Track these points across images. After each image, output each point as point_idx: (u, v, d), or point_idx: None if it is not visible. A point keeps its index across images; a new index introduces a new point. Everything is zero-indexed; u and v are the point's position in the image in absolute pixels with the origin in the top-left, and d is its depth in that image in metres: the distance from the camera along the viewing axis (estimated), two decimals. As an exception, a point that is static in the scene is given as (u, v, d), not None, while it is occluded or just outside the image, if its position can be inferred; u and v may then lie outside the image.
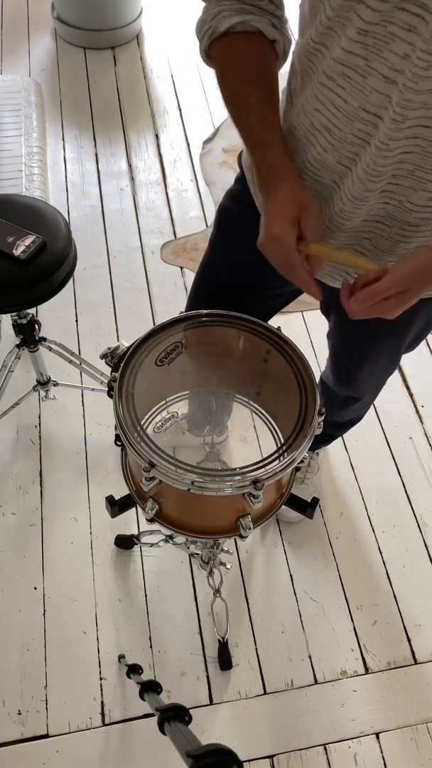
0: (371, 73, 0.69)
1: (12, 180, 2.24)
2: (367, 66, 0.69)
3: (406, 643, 1.56)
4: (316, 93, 0.77)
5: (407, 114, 0.69)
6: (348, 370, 1.28)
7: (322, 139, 0.80)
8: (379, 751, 1.42)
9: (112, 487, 1.73)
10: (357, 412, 1.49)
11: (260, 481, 0.84)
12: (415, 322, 1.08)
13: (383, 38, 0.66)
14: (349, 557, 1.68)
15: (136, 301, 2.14)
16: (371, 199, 0.81)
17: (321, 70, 0.75)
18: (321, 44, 0.74)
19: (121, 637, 1.53)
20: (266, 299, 1.16)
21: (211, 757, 0.72)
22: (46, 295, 1.31)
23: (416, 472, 1.84)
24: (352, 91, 0.72)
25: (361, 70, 0.70)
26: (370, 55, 0.68)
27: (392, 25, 0.65)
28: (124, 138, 2.64)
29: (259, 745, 1.42)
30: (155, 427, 1.02)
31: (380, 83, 0.69)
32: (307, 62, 0.78)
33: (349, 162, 0.79)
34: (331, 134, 0.78)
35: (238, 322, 1.00)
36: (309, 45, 0.76)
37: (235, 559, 1.65)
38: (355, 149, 0.77)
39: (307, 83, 0.79)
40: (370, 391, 1.38)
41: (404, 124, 0.70)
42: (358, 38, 0.68)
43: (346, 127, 0.76)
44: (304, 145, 0.84)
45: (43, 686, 1.47)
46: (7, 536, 1.65)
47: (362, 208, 0.83)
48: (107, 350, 0.96)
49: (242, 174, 1.04)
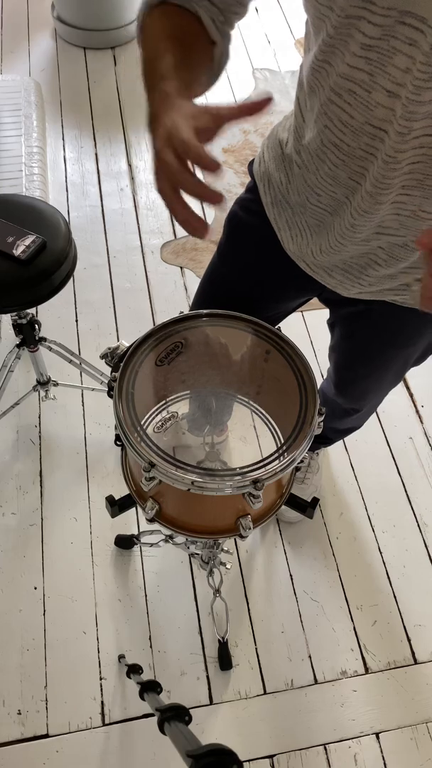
0: (375, 88, 0.70)
1: (12, 180, 2.24)
2: (371, 81, 0.69)
3: (406, 643, 1.56)
4: (325, 110, 0.78)
5: (412, 126, 0.69)
6: (354, 382, 1.26)
7: (332, 155, 0.80)
8: (379, 751, 1.42)
9: (112, 487, 1.73)
10: (357, 421, 1.48)
11: (260, 481, 0.84)
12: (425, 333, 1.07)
13: (386, 53, 0.66)
14: (349, 557, 1.68)
15: (136, 301, 2.14)
16: (382, 212, 0.81)
17: (328, 86, 0.75)
18: (325, 61, 0.74)
19: (121, 637, 1.53)
20: (273, 308, 1.16)
21: (211, 757, 0.72)
22: (46, 295, 1.31)
23: (416, 472, 1.84)
24: (357, 107, 0.73)
25: (366, 85, 0.70)
26: (374, 70, 0.68)
27: (394, 39, 0.65)
28: (124, 138, 2.64)
29: (259, 745, 1.42)
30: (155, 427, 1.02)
31: (384, 98, 0.69)
32: (314, 80, 0.78)
33: (359, 177, 0.79)
34: (341, 150, 0.79)
35: (238, 322, 1.00)
36: (314, 63, 0.76)
37: (235, 559, 1.65)
38: (363, 164, 0.78)
39: (315, 101, 0.79)
40: (373, 402, 1.37)
41: (409, 135, 0.70)
42: (362, 53, 0.68)
43: (354, 143, 0.76)
44: (317, 162, 0.84)
45: (43, 686, 1.47)
46: (7, 536, 1.66)
47: (373, 220, 0.83)
48: (107, 350, 0.96)
49: (254, 183, 1.04)
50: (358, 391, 1.27)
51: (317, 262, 0.97)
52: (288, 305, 1.17)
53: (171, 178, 0.60)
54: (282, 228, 0.99)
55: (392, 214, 0.82)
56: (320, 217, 0.90)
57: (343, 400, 1.32)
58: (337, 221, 0.87)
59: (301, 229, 0.95)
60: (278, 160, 0.95)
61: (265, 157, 1.00)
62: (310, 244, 0.95)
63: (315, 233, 0.93)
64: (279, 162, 0.95)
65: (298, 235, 0.97)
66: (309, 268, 1.00)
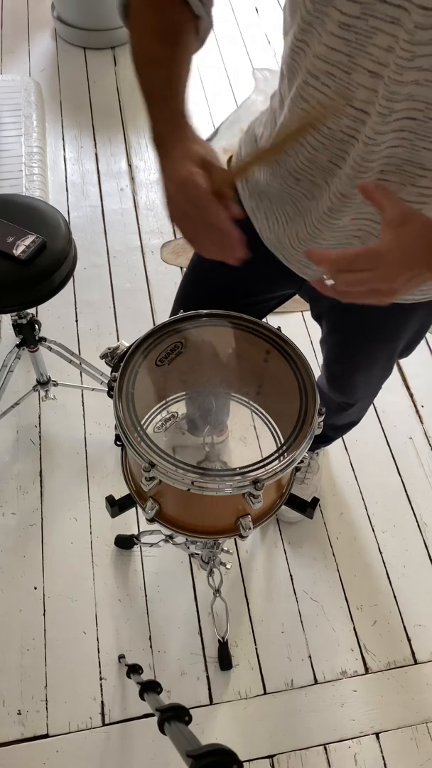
0: (356, 69, 0.69)
1: (12, 180, 2.24)
2: (351, 62, 0.69)
3: (406, 643, 1.56)
4: (301, 92, 0.77)
5: (393, 107, 0.68)
6: (342, 376, 1.27)
7: (312, 138, 0.80)
8: (379, 751, 1.42)
9: (112, 487, 1.73)
10: (354, 416, 1.49)
11: (260, 481, 0.84)
12: (408, 328, 1.08)
13: (365, 32, 0.65)
14: (349, 557, 1.68)
15: (136, 301, 2.14)
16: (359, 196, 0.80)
17: (305, 68, 0.74)
18: (303, 41, 0.73)
19: (121, 637, 1.53)
20: (256, 303, 1.16)
21: (211, 757, 0.73)
22: (46, 295, 1.31)
23: (416, 472, 1.83)
24: (337, 89, 0.72)
25: (344, 67, 0.69)
26: (353, 51, 0.68)
27: (374, 19, 0.64)
28: (124, 138, 2.64)
29: (259, 745, 1.42)
30: (155, 427, 1.02)
31: (366, 78, 0.69)
32: (292, 62, 0.77)
33: (339, 160, 0.79)
34: (320, 133, 0.78)
35: (239, 322, 1.00)
36: (293, 44, 0.75)
37: (235, 559, 1.65)
38: (343, 146, 0.77)
39: (293, 83, 0.79)
40: (366, 396, 1.37)
41: (390, 117, 0.69)
42: (340, 33, 0.67)
43: (335, 125, 0.75)
44: (296, 146, 0.83)
45: (43, 686, 1.47)
46: (7, 536, 1.65)
47: (351, 205, 0.82)
48: (107, 350, 0.96)
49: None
50: (348, 384, 1.28)
51: (294, 252, 0.97)
52: (269, 300, 1.17)
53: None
54: (260, 219, 0.99)
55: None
56: (298, 202, 0.90)
57: (335, 394, 1.33)
58: (315, 206, 0.87)
59: (279, 218, 0.95)
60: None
61: (242, 152, 1.00)
62: (287, 231, 0.95)
63: (292, 220, 0.93)
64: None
65: (276, 224, 0.96)
66: (286, 259, 1.00)
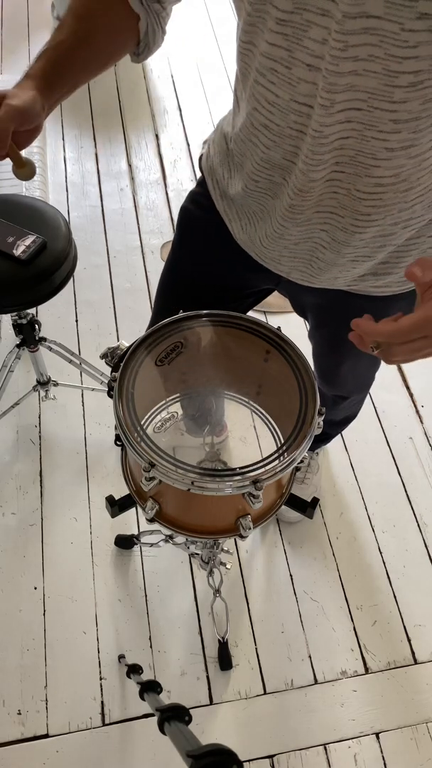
0: (295, 64, 0.70)
1: (12, 180, 2.23)
2: (290, 57, 0.69)
3: (406, 643, 1.56)
4: (252, 92, 0.78)
5: (334, 98, 0.69)
6: (330, 369, 1.28)
7: (263, 137, 0.80)
8: (379, 751, 1.42)
9: (112, 487, 1.73)
10: (349, 410, 1.49)
11: (260, 481, 0.84)
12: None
13: (301, 26, 0.66)
14: (349, 557, 1.68)
15: (136, 301, 2.14)
16: (317, 189, 0.81)
17: (254, 68, 0.75)
18: (249, 42, 0.74)
19: (121, 637, 1.53)
20: (234, 299, 1.16)
21: (211, 757, 0.73)
22: (46, 295, 1.31)
23: (416, 472, 1.84)
24: (281, 85, 0.73)
25: (285, 62, 0.70)
26: (291, 46, 0.68)
27: (307, 12, 0.65)
28: (124, 138, 2.64)
29: (259, 745, 1.42)
30: (155, 427, 1.02)
31: (305, 72, 0.69)
32: (243, 64, 0.78)
33: (292, 156, 0.79)
34: (271, 131, 0.79)
35: (239, 322, 1.00)
36: (241, 46, 0.76)
37: (235, 559, 1.65)
38: (294, 142, 0.78)
39: (246, 86, 0.80)
40: (357, 388, 1.38)
41: (333, 108, 0.70)
42: (279, 29, 0.68)
43: (283, 122, 0.76)
44: (250, 147, 0.84)
45: (43, 686, 1.47)
46: (7, 536, 1.66)
47: (310, 200, 0.83)
48: (107, 350, 0.96)
49: (203, 177, 1.04)
50: (337, 377, 1.29)
51: (265, 250, 0.97)
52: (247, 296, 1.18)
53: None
54: (232, 219, 1.00)
55: (329, 192, 0.82)
56: (262, 201, 0.90)
57: (326, 387, 1.34)
58: (278, 204, 0.87)
59: (249, 218, 0.96)
60: (223, 155, 0.96)
61: (211, 151, 1.01)
62: (258, 231, 0.95)
63: (260, 219, 0.93)
64: (224, 157, 0.96)
65: (247, 224, 0.97)
66: (259, 257, 1.00)
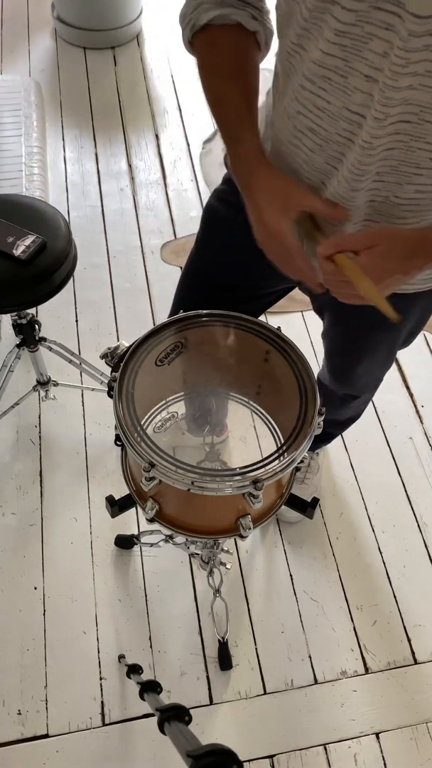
0: (352, 73, 0.70)
1: (12, 180, 2.23)
2: (347, 66, 0.69)
3: (406, 643, 1.56)
4: (296, 96, 0.78)
5: (388, 111, 0.69)
6: (345, 367, 1.28)
7: (308, 140, 0.80)
8: (379, 751, 1.42)
9: (112, 487, 1.73)
10: (355, 409, 1.49)
11: (260, 481, 0.84)
12: (409, 317, 1.08)
13: (361, 38, 0.66)
14: (349, 557, 1.68)
15: (136, 301, 2.14)
16: (358, 199, 0.81)
17: (301, 72, 0.75)
18: (299, 46, 0.74)
19: (121, 637, 1.53)
20: (254, 297, 1.16)
21: (211, 757, 0.73)
22: (46, 295, 1.31)
23: (416, 472, 1.84)
24: (333, 92, 0.73)
25: (341, 71, 0.70)
26: (349, 56, 0.69)
27: (369, 25, 0.65)
28: (124, 138, 2.64)
29: (259, 745, 1.42)
30: (155, 427, 1.02)
31: (362, 82, 0.69)
32: (288, 64, 0.78)
33: (336, 162, 0.79)
34: (317, 135, 0.79)
35: (239, 322, 1.00)
36: (288, 46, 0.76)
37: (235, 559, 1.65)
38: (340, 149, 0.78)
39: (288, 86, 0.80)
40: (368, 387, 1.38)
41: (386, 121, 0.70)
42: (336, 40, 0.68)
43: (331, 128, 0.76)
44: (290, 148, 0.84)
45: (43, 686, 1.47)
46: (7, 536, 1.65)
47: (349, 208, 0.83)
48: (107, 350, 0.96)
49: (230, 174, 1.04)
50: (352, 375, 1.29)
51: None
52: (269, 294, 1.18)
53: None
54: None
55: (367, 201, 0.82)
56: None
57: (338, 385, 1.34)
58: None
59: None
60: None
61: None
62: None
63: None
64: None
65: None
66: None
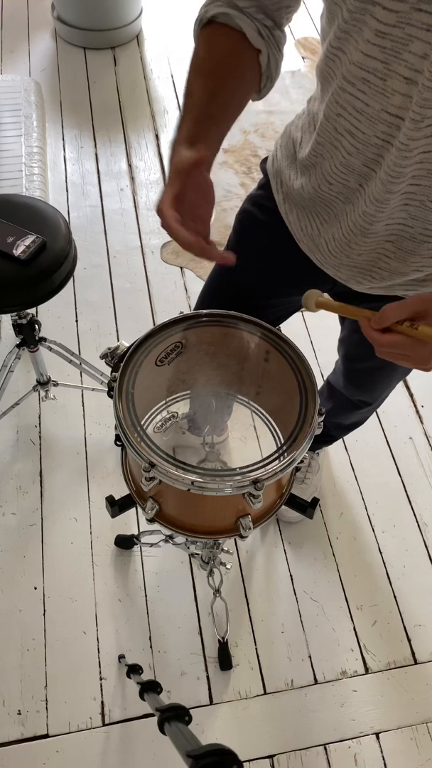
0: (391, 76, 0.70)
1: (12, 180, 2.24)
2: (386, 69, 0.70)
3: (406, 643, 1.56)
4: (336, 98, 0.78)
5: (426, 113, 0.69)
6: (365, 374, 1.27)
7: (347, 143, 0.81)
8: (379, 751, 1.42)
9: (112, 487, 1.73)
10: (363, 415, 1.49)
11: (260, 481, 0.84)
12: None
13: (401, 40, 0.67)
14: (349, 557, 1.68)
15: (136, 301, 2.14)
16: (393, 201, 0.82)
17: (340, 74, 0.76)
18: (339, 49, 0.75)
19: (121, 637, 1.53)
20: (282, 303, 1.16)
21: (211, 757, 0.72)
22: (46, 295, 1.31)
23: (416, 472, 1.84)
24: (373, 95, 0.73)
25: (380, 73, 0.71)
26: (389, 58, 0.69)
27: (410, 27, 0.65)
28: (124, 138, 2.64)
29: (259, 745, 1.42)
30: (155, 427, 1.02)
31: (401, 84, 0.70)
32: (327, 68, 0.79)
33: (374, 164, 0.80)
34: (355, 138, 0.79)
35: (238, 322, 1.00)
36: (329, 50, 0.77)
37: (235, 559, 1.65)
38: (378, 151, 0.78)
39: (327, 89, 0.80)
40: (383, 394, 1.37)
41: (423, 123, 0.71)
42: (376, 41, 0.69)
43: (370, 130, 0.77)
44: (330, 150, 0.85)
45: (43, 686, 1.47)
46: (7, 536, 1.65)
47: (384, 210, 0.83)
48: (107, 350, 0.96)
49: (266, 180, 1.05)
50: (370, 382, 1.28)
51: (328, 255, 0.97)
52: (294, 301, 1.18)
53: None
54: (293, 222, 1.00)
55: (401, 204, 0.82)
56: (332, 205, 0.91)
57: (353, 391, 1.33)
58: (350, 209, 0.88)
59: (312, 221, 0.96)
60: (291, 159, 0.97)
61: (278, 155, 1.01)
62: (323, 234, 0.96)
63: (327, 223, 0.94)
64: (291, 160, 0.97)
65: (309, 227, 0.97)
66: (320, 261, 1.00)
